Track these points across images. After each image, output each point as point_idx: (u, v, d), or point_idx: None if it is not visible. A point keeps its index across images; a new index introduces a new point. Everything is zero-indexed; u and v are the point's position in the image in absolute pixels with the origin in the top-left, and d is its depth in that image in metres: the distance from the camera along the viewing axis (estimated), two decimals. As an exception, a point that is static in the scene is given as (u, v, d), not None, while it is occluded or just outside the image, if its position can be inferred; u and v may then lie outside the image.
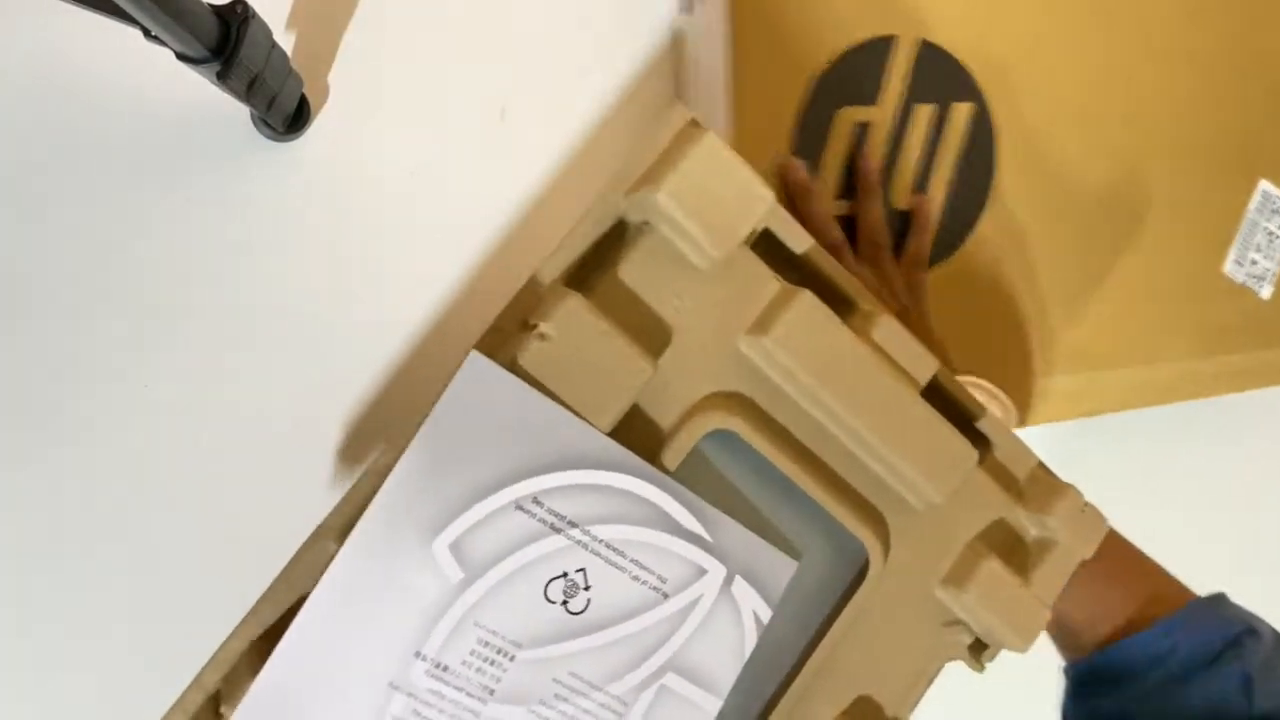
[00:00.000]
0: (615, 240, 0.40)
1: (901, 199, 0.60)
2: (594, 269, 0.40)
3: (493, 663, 0.37)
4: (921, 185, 0.60)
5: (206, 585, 0.54)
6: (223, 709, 0.34)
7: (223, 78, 0.46)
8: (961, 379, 0.52)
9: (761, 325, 0.40)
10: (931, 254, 0.61)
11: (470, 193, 0.60)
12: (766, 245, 0.42)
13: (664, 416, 0.40)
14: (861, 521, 0.42)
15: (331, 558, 0.36)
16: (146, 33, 0.41)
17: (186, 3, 0.41)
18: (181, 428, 0.56)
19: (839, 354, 0.41)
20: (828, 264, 0.43)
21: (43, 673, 0.55)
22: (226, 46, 0.45)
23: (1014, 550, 0.46)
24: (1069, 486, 0.45)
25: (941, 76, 0.59)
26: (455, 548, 0.36)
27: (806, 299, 0.40)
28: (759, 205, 0.39)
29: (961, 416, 0.45)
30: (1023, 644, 0.44)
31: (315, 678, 0.35)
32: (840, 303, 0.42)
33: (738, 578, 0.41)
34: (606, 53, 0.62)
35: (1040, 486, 0.46)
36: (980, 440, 0.45)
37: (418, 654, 0.36)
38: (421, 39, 0.59)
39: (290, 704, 0.34)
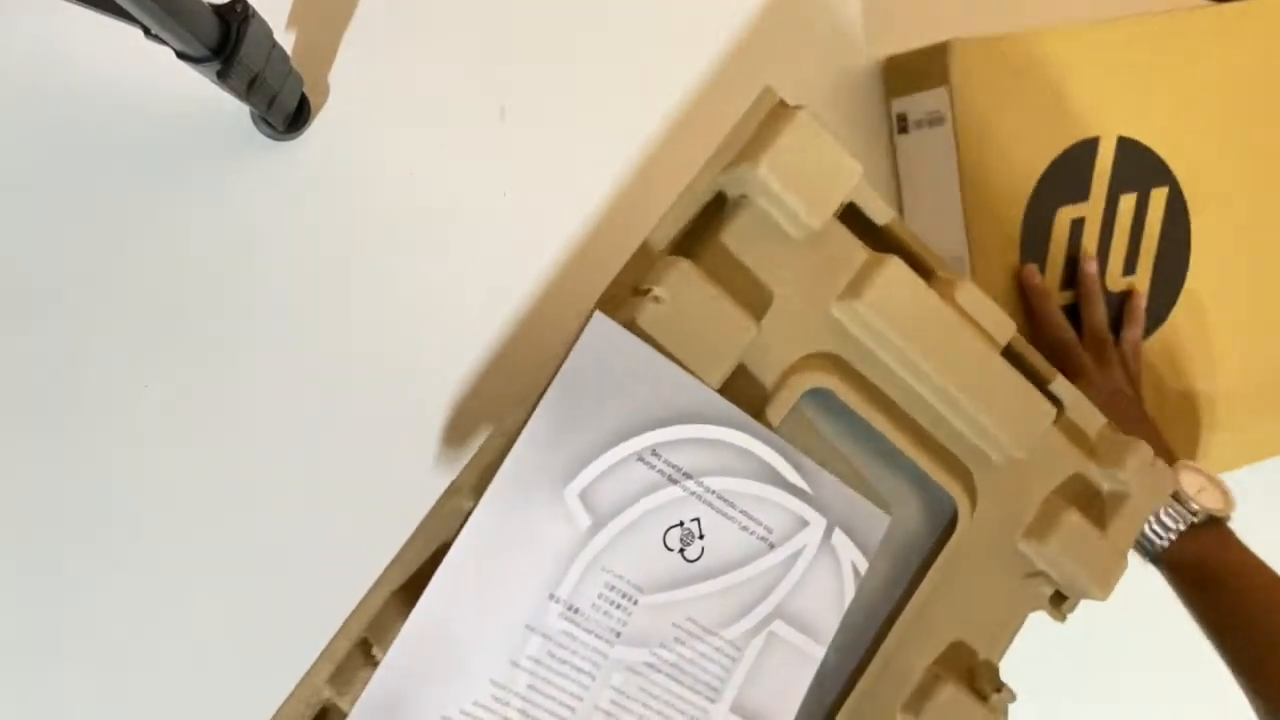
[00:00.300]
0: (714, 213, 0.43)
1: (1114, 282, 0.67)
2: (696, 239, 0.43)
3: (619, 606, 0.39)
4: (1131, 267, 0.67)
5: (200, 581, 0.56)
6: (374, 651, 0.36)
7: (223, 77, 0.45)
8: (1179, 464, 0.56)
9: (853, 290, 0.43)
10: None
11: (469, 191, 0.60)
12: (852, 216, 0.45)
13: (766, 375, 0.43)
14: (950, 475, 0.45)
15: (464, 512, 0.38)
16: (147, 32, 0.41)
17: (187, 2, 0.41)
18: (181, 427, 0.56)
19: (927, 316, 0.43)
20: (907, 234, 0.46)
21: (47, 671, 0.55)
22: (227, 46, 0.45)
23: (1090, 503, 0.48)
24: (1139, 441, 0.48)
25: (1140, 166, 0.66)
26: (584, 496, 0.38)
27: (896, 264, 0.43)
28: (850, 178, 0.42)
29: (1036, 378, 0.47)
30: (1103, 593, 0.46)
31: (459, 619, 0.37)
32: (921, 270, 0.45)
33: (837, 530, 0.43)
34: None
35: (1110, 443, 0.48)
36: (1053, 401, 0.48)
37: (552, 596, 0.38)
38: (421, 38, 0.59)
39: (437, 643, 0.36)
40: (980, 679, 0.46)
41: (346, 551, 0.57)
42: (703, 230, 0.43)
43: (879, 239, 0.46)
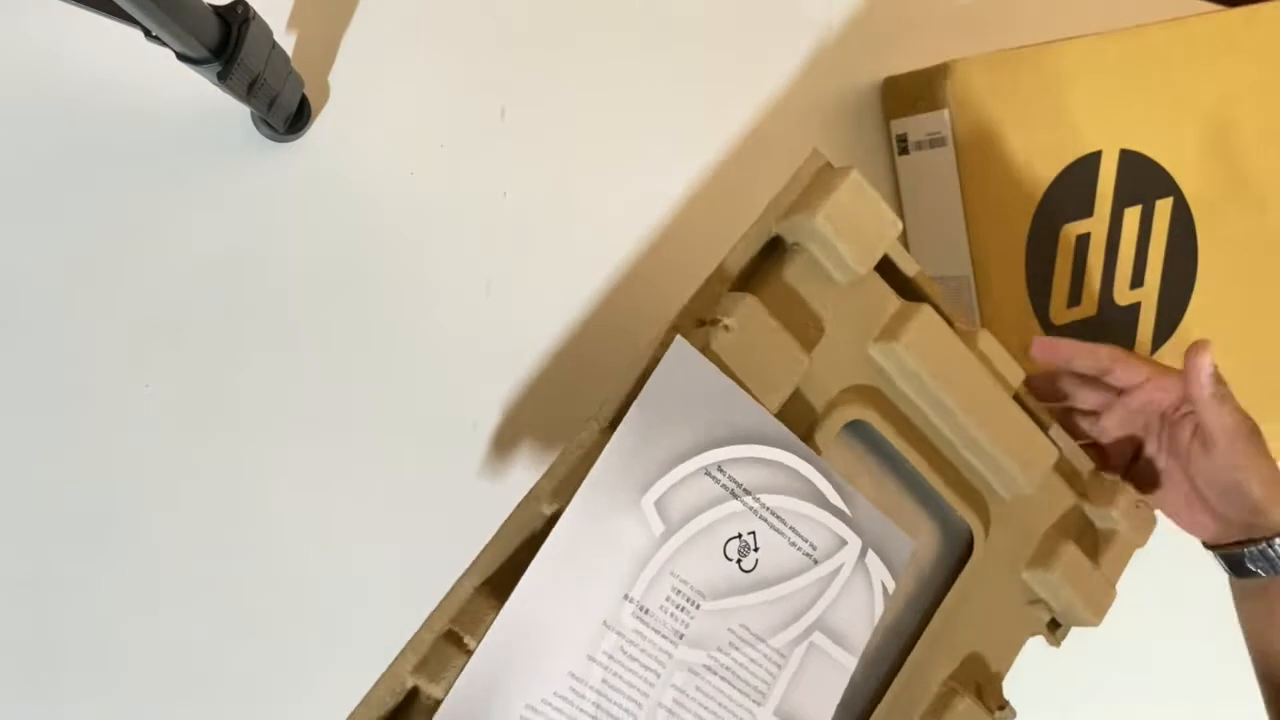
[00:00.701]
0: (767, 255, 0.48)
1: (1123, 295, 0.67)
2: (754, 277, 0.47)
3: (683, 609, 0.42)
4: (1139, 280, 0.68)
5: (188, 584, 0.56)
6: (466, 640, 0.39)
7: (223, 78, 0.46)
8: None
9: (890, 333, 0.48)
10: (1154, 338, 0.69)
11: (469, 191, 0.61)
12: (884, 267, 0.50)
13: (814, 404, 0.47)
14: (969, 505, 0.49)
15: (542, 515, 0.41)
16: (147, 33, 0.41)
17: (187, 3, 0.41)
18: (181, 427, 0.56)
19: (954, 359, 0.48)
20: (931, 286, 0.51)
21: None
22: (227, 47, 0.45)
23: (1083, 536, 0.53)
24: (1125, 484, 0.53)
25: (1143, 178, 0.67)
26: (659, 504, 0.41)
27: (928, 311, 0.48)
28: (892, 231, 0.47)
29: (1039, 423, 0.52)
30: (1097, 619, 0.51)
31: (545, 613, 0.39)
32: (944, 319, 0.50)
33: (870, 551, 0.47)
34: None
35: (1099, 484, 0.54)
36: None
37: (626, 596, 0.41)
38: (421, 38, 0.60)
39: (525, 634, 0.39)
40: (987, 696, 0.50)
41: (346, 551, 0.59)
42: (757, 269, 0.47)
43: (905, 289, 0.51)
